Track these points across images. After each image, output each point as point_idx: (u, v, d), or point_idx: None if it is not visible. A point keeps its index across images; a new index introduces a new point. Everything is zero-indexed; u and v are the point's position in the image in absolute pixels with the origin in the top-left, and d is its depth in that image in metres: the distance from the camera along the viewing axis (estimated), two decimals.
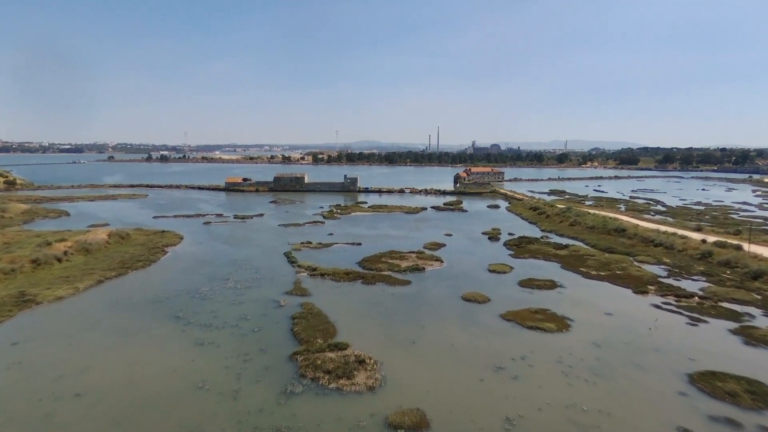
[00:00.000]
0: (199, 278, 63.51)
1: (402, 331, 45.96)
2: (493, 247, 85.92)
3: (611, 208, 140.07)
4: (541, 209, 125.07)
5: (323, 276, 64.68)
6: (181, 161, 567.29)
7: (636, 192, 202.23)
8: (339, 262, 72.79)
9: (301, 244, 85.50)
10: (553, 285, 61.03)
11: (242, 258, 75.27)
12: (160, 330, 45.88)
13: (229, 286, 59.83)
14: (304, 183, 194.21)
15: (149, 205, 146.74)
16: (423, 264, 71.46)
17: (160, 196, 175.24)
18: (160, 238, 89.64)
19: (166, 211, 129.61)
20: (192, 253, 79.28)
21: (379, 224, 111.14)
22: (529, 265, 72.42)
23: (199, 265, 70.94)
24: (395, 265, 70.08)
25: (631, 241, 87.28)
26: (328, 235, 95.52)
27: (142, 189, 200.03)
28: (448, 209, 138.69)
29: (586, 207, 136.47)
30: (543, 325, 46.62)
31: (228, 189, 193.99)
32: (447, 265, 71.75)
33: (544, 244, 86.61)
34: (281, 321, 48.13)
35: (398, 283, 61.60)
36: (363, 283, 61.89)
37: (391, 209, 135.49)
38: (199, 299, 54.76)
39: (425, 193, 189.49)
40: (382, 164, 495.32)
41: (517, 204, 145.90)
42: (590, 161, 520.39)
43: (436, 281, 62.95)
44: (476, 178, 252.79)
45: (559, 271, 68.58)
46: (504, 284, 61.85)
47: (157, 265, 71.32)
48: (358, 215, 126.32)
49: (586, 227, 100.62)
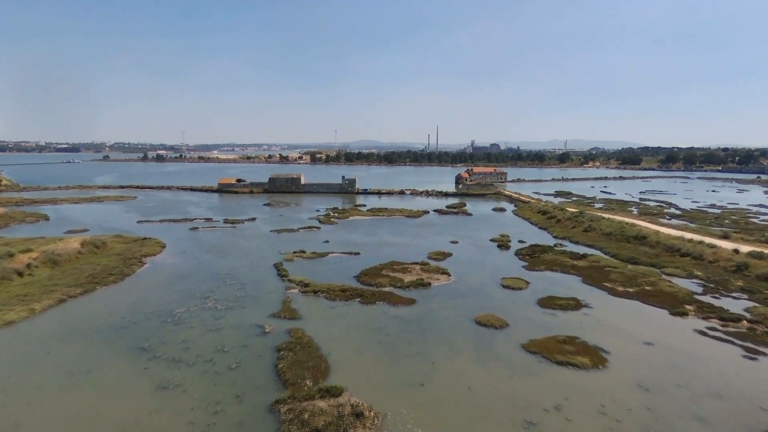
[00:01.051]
0: (175, 296, 55.97)
1: (408, 367, 38.54)
2: (504, 257, 78.53)
3: (623, 211, 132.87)
4: (551, 213, 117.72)
5: (316, 293, 57.19)
6: (177, 161, 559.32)
7: (645, 193, 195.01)
8: (334, 276, 65.34)
9: (294, 254, 78.00)
10: (578, 305, 53.64)
11: (227, 271, 67.72)
12: (118, 367, 38.36)
13: (208, 307, 52.31)
14: (300, 184, 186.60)
15: (136, 208, 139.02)
16: (428, 278, 64.02)
17: (149, 198, 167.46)
18: (139, 246, 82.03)
19: (152, 215, 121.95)
20: (172, 264, 71.69)
21: (378, 230, 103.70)
22: (547, 279, 65.01)
23: (177, 279, 63.37)
24: (397, 280, 62.61)
25: (653, 250, 79.96)
26: (324, 243, 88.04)
27: (132, 190, 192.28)
28: (452, 213, 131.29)
29: (596, 210, 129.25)
30: (575, 359, 39.22)
31: (221, 190, 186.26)
32: (455, 279, 64.31)
33: (560, 254, 79.24)
34: (264, 354, 40.64)
35: (401, 303, 54.16)
36: (361, 302, 54.43)
37: (392, 213, 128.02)
38: (171, 324, 47.23)
39: (426, 194, 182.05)
40: (381, 164, 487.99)
41: (524, 207, 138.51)
42: (592, 161, 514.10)
43: (445, 300, 55.52)
44: (478, 178, 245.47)
45: (580, 287, 61.19)
46: (521, 303, 54.44)
47: (131, 279, 63.73)
48: (357, 220, 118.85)
49: (602, 234, 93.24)
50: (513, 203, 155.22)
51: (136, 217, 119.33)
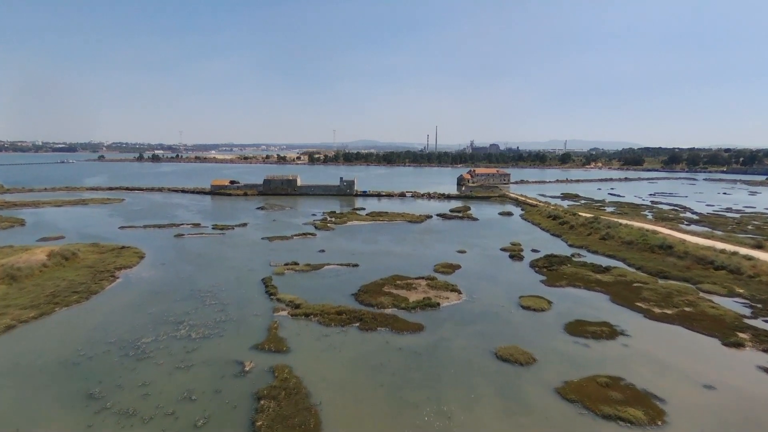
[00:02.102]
0: (144, 321, 48.25)
1: (417, 420, 30.95)
2: (518, 270, 70.95)
3: (637, 216, 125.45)
4: (563, 218, 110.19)
5: (308, 317, 49.54)
6: (173, 161, 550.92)
7: (654, 196, 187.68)
8: (330, 294, 57.70)
9: (285, 266, 70.31)
10: (612, 332, 46.06)
11: (209, 287, 59.98)
12: (55, 422, 30.70)
13: (180, 335, 44.60)
14: (296, 186, 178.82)
15: (121, 211, 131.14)
16: (436, 296, 56.41)
17: (138, 200, 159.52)
18: (115, 257, 74.28)
19: (137, 220, 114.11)
20: (148, 279, 63.92)
21: (379, 236, 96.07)
22: (570, 297, 57.44)
23: (151, 298, 55.62)
24: (401, 299, 54.99)
25: (683, 261, 72.45)
26: (319, 252, 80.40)
27: (121, 192, 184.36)
28: (456, 217, 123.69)
29: (608, 215, 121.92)
30: (625, 412, 31.59)
31: (213, 192, 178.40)
32: (466, 297, 56.69)
33: (580, 266, 71.69)
34: (241, 404, 32.96)
35: (407, 329, 46.54)
36: (360, 328, 46.79)
37: (392, 217, 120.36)
38: (132, 360, 39.54)
39: (428, 197, 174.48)
40: (380, 164, 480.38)
41: (532, 211, 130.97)
42: (594, 162, 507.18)
43: (457, 325, 47.90)
44: (481, 180, 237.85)
45: (610, 308, 53.65)
46: (546, 330, 46.87)
47: (98, 298, 55.96)
48: (355, 225, 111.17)
49: (623, 242, 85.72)
50: (520, 207, 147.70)
51: (119, 222, 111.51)
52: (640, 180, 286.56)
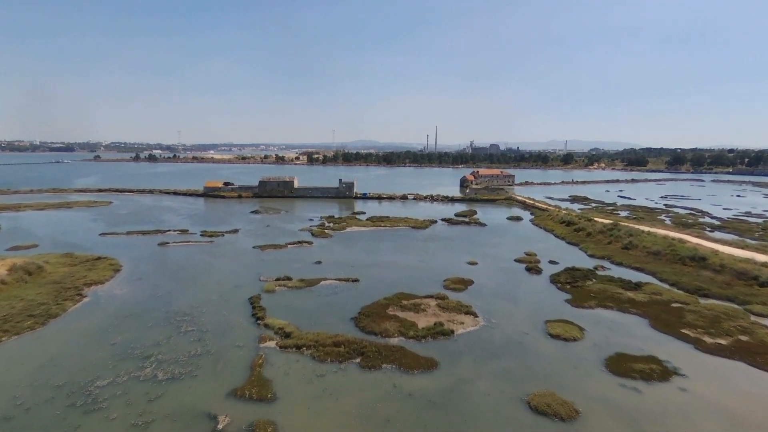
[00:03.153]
0: (104, 355, 40.61)
1: None
2: (538, 286, 63.35)
3: (653, 221, 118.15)
4: (578, 224, 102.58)
5: (300, 349, 41.91)
6: (170, 161, 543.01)
7: (667, 198, 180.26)
8: (326, 317, 50.12)
9: (277, 282, 62.65)
10: (664, 371, 38.49)
11: (187, 308, 52.34)
12: None
13: (145, 375, 36.95)
14: (293, 188, 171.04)
15: (107, 215, 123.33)
16: (449, 321, 48.84)
17: (126, 203, 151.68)
18: (87, 270, 66.58)
19: (121, 225, 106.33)
20: (119, 298, 56.22)
21: (380, 245, 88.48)
22: (603, 321, 49.88)
23: (117, 324, 47.94)
24: (409, 325, 47.40)
25: (721, 276, 64.89)
26: (315, 264, 72.80)
27: (110, 195, 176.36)
28: (463, 222, 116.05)
29: (623, 219, 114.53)
30: None
31: (206, 195, 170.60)
32: (484, 322, 49.10)
33: (606, 281, 64.12)
34: None
35: (417, 367, 38.92)
36: (361, 365, 39.18)
37: (394, 223, 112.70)
38: (79, 413, 31.90)
39: (431, 199, 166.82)
40: (380, 165, 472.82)
41: (542, 216, 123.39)
42: (597, 162, 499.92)
43: (477, 361, 40.30)
44: (484, 181, 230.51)
45: (652, 336, 46.10)
46: (585, 368, 39.28)
47: (57, 323, 48.27)
48: (355, 231, 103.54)
49: (648, 252, 78.19)
50: (528, 210, 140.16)
51: (102, 228, 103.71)
52: (647, 181, 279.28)
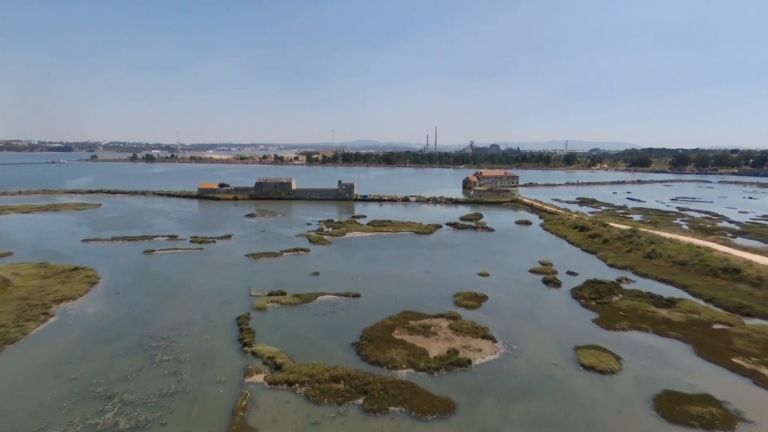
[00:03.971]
0: (60, 394, 34.37)
1: None
2: (559, 302, 57.13)
3: (669, 225, 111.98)
4: (592, 230, 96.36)
5: (292, 385, 35.70)
6: (168, 161, 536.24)
7: (677, 201, 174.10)
8: (323, 342, 43.92)
9: (269, 297, 56.40)
10: (726, 415, 32.32)
11: (166, 331, 46.11)
12: None
13: (103, 424, 30.70)
14: (291, 190, 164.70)
15: (94, 219, 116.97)
16: (464, 347, 42.64)
17: (117, 205, 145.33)
18: (60, 283, 60.32)
19: (106, 231, 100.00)
20: (90, 318, 49.94)
21: (383, 252, 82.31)
22: (641, 348, 43.62)
23: (83, 351, 41.66)
24: (419, 353, 41.18)
25: (760, 290, 58.74)
26: (312, 276, 66.61)
27: (101, 196, 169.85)
28: (469, 227, 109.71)
29: (637, 224, 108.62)
30: None
31: (201, 197, 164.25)
32: (505, 349, 42.87)
33: (634, 297, 57.90)
34: None
35: (431, 410, 32.73)
36: (364, 408, 32.95)
37: (397, 227, 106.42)
38: None
39: (434, 202, 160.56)
40: (380, 165, 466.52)
41: (553, 220, 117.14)
42: (599, 163, 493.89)
43: (501, 403, 34.06)
44: (488, 182, 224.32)
45: (700, 367, 39.90)
46: (630, 411, 33.08)
47: (14, 350, 41.93)
48: (355, 237, 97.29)
49: (674, 262, 72.01)
50: (536, 214, 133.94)
51: (86, 233, 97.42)
52: (654, 183, 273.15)
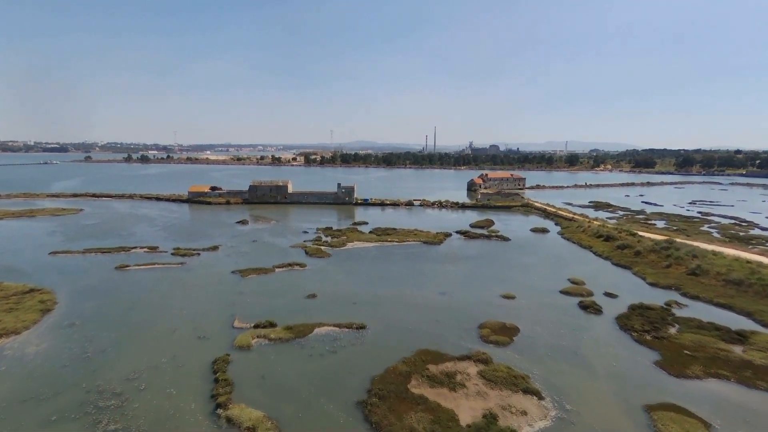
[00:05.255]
0: None
1: None
2: (606, 335, 47.34)
3: (698, 233, 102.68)
4: (620, 239, 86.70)
5: None
6: (163, 162, 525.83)
7: (696, 205, 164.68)
8: (320, 399, 34.11)
9: (255, 331, 46.52)
10: None
11: (121, 380, 36.25)
12: None
13: None
14: (287, 193, 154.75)
15: (69, 227, 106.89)
16: (503, 407, 32.92)
17: (99, 210, 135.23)
18: (5, 311, 50.33)
19: (80, 241, 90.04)
20: (29, 362, 40.02)
21: (389, 267, 72.55)
22: (728, 406, 33.93)
23: (2, 418, 31.80)
24: (445, 418, 31.43)
25: None
26: (308, 299, 56.86)
27: (86, 200, 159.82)
28: (482, 236, 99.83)
29: (662, 232, 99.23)
30: None
31: (191, 201, 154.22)
32: (556, 411, 33.06)
33: (694, 327, 48.14)
34: None
35: None
36: None
37: (403, 237, 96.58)
38: None
39: (439, 206, 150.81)
40: (379, 166, 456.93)
41: (571, 227, 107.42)
42: (602, 164, 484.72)
43: None
44: (494, 184, 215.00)
45: None
46: None
47: None
48: (357, 248, 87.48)
49: (726, 281, 62.38)
50: (550, 219, 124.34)
51: (57, 244, 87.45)
52: (663, 184, 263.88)
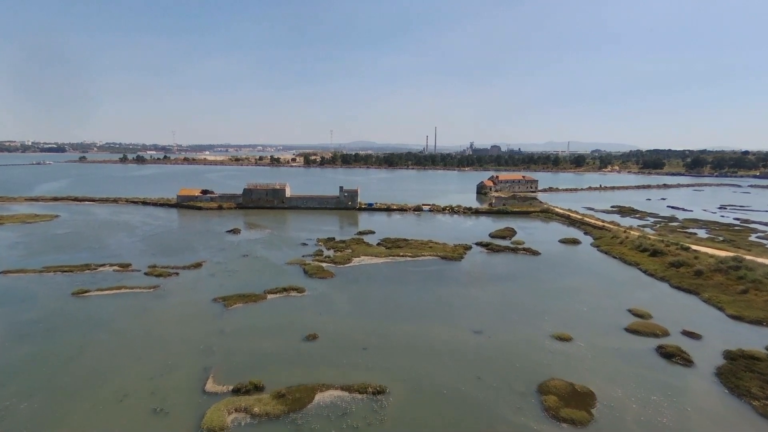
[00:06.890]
0: None
1: None
2: (717, 406, 34.63)
3: (749, 246, 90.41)
4: (672, 255, 73.98)
5: None
6: (160, 162, 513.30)
7: (726, 209, 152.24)
8: None
9: (234, 399, 33.78)
10: None
11: None
12: None
13: None
14: (284, 197, 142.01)
15: (36, 237, 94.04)
16: None
17: (76, 216, 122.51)
18: None
19: (43, 255, 77.39)
20: None
21: (405, 293, 59.89)
22: None
23: None
24: None
25: None
26: (307, 342, 44.20)
27: (66, 204, 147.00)
28: (506, 248, 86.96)
29: (706, 243, 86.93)
30: None
31: (180, 205, 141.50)
32: None
33: None
34: None
35: None
36: None
37: (417, 250, 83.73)
38: None
39: (450, 211, 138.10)
40: (380, 167, 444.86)
41: (606, 238, 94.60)
42: (609, 165, 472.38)
43: None
44: (505, 187, 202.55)
45: None
46: None
47: None
48: (365, 264, 74.75)
49: None
50: (575, 227, 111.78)
51: (13, 260, 74.66)
52: (680, 186, 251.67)
